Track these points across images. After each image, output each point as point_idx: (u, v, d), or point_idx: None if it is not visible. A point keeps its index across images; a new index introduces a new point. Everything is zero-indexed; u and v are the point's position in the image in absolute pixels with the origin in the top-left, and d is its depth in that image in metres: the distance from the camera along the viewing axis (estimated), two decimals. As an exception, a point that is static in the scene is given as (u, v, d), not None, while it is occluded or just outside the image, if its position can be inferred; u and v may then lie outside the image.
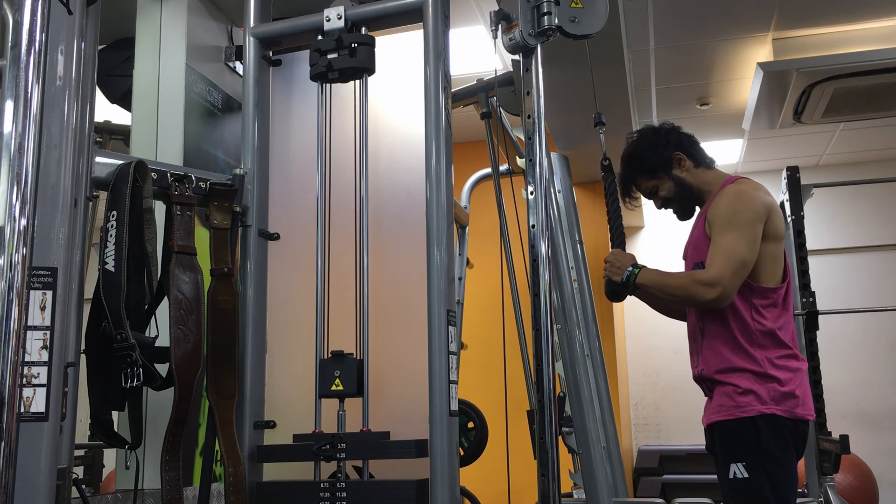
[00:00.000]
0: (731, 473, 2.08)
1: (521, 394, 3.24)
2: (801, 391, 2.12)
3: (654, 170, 2.36)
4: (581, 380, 3.25)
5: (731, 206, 2.18)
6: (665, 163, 2.34)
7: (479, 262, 3.89)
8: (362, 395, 1.97)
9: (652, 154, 2.35)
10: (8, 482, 1.08)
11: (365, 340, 2.01)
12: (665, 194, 2.37)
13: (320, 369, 2.00)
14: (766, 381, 2.09)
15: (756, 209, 2.16)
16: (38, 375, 1.45)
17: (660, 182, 2.36)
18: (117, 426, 1.90)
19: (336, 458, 1.93)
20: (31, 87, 1.17)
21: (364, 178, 2.10)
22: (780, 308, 2.17)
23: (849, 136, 5.88)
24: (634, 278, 2.25)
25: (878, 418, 6.17)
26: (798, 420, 2.10)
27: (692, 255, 2.30)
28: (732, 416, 2.10)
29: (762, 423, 2.06)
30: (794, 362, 2.14)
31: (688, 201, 2.36)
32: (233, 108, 2.63)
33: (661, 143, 2.36)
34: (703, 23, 4.17)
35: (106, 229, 1.80)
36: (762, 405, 2.07)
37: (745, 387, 2.10)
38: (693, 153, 2.36)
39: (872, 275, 6.32)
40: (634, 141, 2.44)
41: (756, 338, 2.13)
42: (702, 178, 2.34)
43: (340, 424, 1.98)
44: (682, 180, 2.34)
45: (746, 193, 2.20)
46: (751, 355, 2.11)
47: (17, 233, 1.12)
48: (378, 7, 2.13)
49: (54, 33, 1.54)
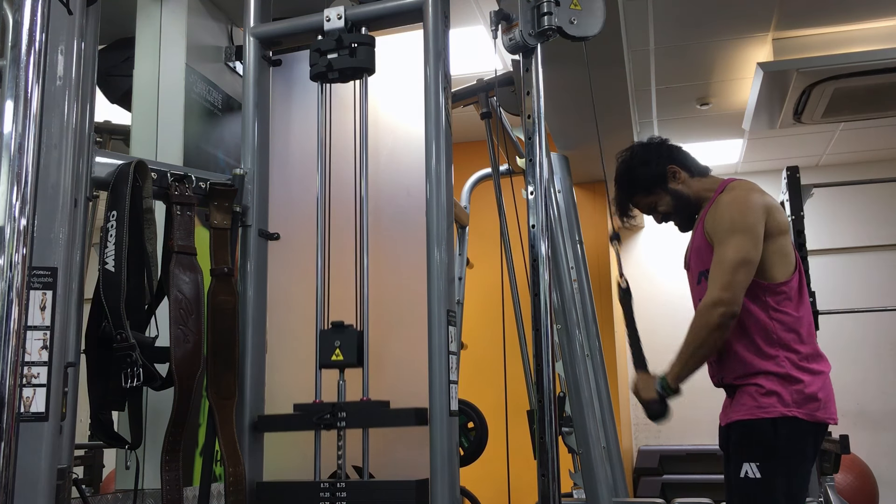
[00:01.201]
0: (743, 472, 2.06)
1: (521, 394, 3.24)
2: (824, 394, 2.10)
3: (650, 186, 2.35)
4: (581, 380, 3.25)
5: (727, 216, 2.17)
6: (660, 177, 2.33)
7: (479, 262, 3.89)
8: (362, 365, 1.97)
9: (646, 170, 2.34)
10: (8, 482, 1.08)
11: (365, 343, 2.01)
12: (664, 209, 2.36)
13: (320, 339, 2.01)
14: (789, 382, 2.08)
15: (752, 210, 2.15)
16: (38, 375, 1.45)
17: (657, 198, 2.35)
18: (117, 426, 1.90)
19: (336, 426, 1.94)
20: (31, 87, 1.17)
21: (364, 178, 2.10)
22: (796, 301, 2.15)
23: (849, 136, 5.88)
24: (666, 383, 2.21)
25: (878, 418, 6.16)
26: (819, 423, 2.09)
27: (696, 264, 2.29)
28: (753, 415, 2.09)
29: (782, 425, 2.05)
30: (816, 364, 2.13)
31: (687, 212, 2.36)
32: (233, 108, 2.63)
33: (653, 159, 2.35)
34: (703, 23, 4.17)
35: (106, 229, 1.80)
36: (784, 407, 2.06)
37: (768, 387, 2.08)
38: (686, 164, 2.35)
39: (872, 275, 6.32)
40: (626, 159, 2.41)
41: (776, 337, 2.11)
42: (697, 188, 2.33)
43: (340, 394, 1.98)
44: (679, 193, 2.33)
45: (739, 200, 2.19)
46: (772, 357, 2.10)
47: (17, 233, 1.12)
48: (378, 7, 2.13)
49: (54, 33, 1.54)
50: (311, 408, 1.98)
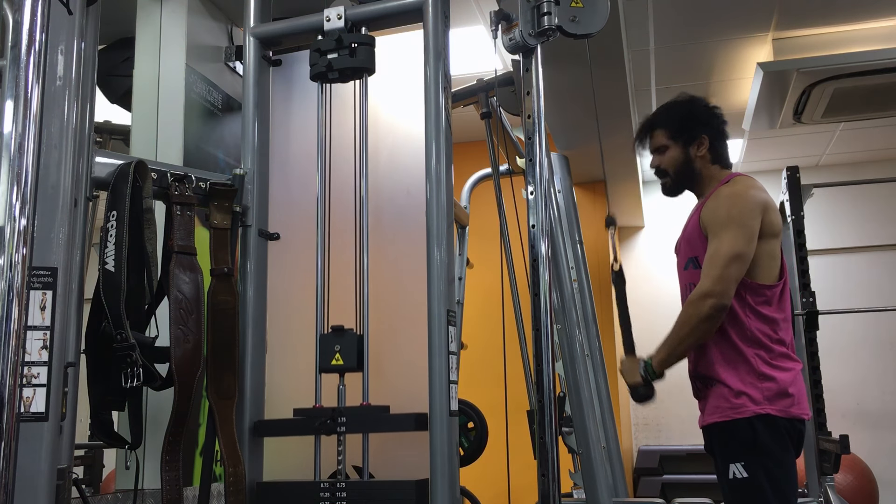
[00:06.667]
0: (731, 474, 2.08)
1: (521, 394, 3.23)
2: (796, 389, 2.11)
3: (675, 133, 2.33)
4: (581, 380, 3.25)
5: (724, 209, 2.17)
6: (689, 135, 2.31)
7: (479, 262, 3.89)
8: (362, 369, 1.97)
9: (684, 120, 2.33)
10: (8, 482, 1.08)
11: (365, 344, 2.01)
12: (667, 163, 2.34)
13: (320, 343, 2.00)
14: (759, 380, 2.09)
15: (751, 207, 2.15)
16: (38, 375, 1.45)
17: (671, 148, 2.33)
18: (117, 426, 1.90)
19: (336, 431, 1.94)
20: (31, 87, 1.17)
21: (364, 178, 2.10)
22: (776, 306, 2.16)
23: (849, 136, 5.88)
24: (651, 368, 2.23)
25: (878, 418, 6.16)
26: (793, 419, 2.09)
27: (685, 250, 2.29)
28: (727, 417, 2.10)
29: (758, 423, 2.06)
30: (788, 362, 2.13)
31: (683, 181, 2.34)
32: (233, 108, 2.63)
33: (697, 118, 2.33)
34: (703, 23, 4.17)
35: (106, 229, 1.80)
36: (756, 406, 2.07)
37: (737, 388, 2.09)
38: (717, 147, 2.33)
39: (872, 275, 6.32)
40: (681, 100, 2.41)
41: (750, 335, 2.12)
42: (708, 172, 2.32)
43: (340, 399, 1.98)
44: (690, 160, 2.32)
45: (739, 194, 2.19)
46: (744, 354, 2.11)
47: (17, 233, 1.12)
48: (378, 7, 2.13)
49: (54, 33, 1.54)
50: (311, 412, 1.97)
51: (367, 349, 1.98)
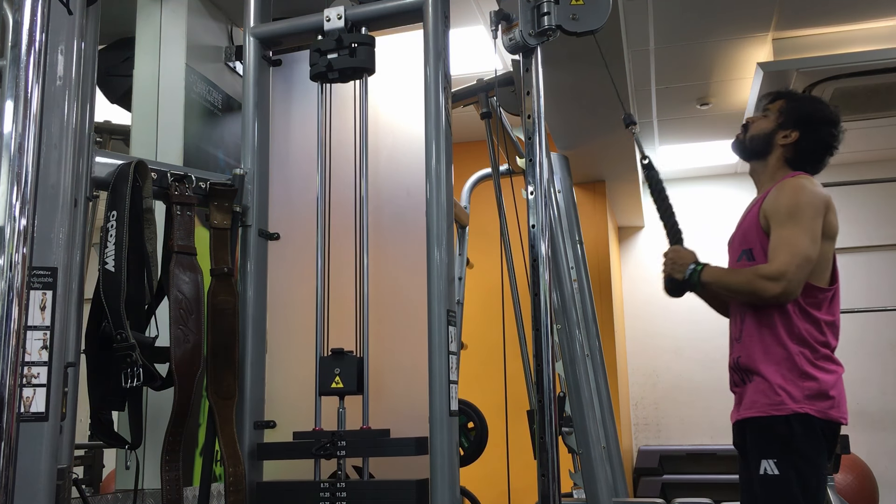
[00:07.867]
0: (763, 470, 2.06)
1: (521, 394, 3.23)
2: (837, 392, 2.10)
3: (782, 110, 2.32)
4: (581, 380, 3.25)
5: (792, 199, 2.15)
6: (788, 120, 2.30)
7: (479, 262, 3.89)
8: (362, 392, 1.97)
9: (799, 110, 2.32)
10: (8, 482, 1.08)
11: (365, 339, 2.00)
12: (756, 124, 2.35)
13: (320, 367, 2.00)
14: (801, 378, 2.08)
15: (817, 204, 2.14)
16: (38, 375, 1.45)
17: (776, 121, 2.31)
18: (117, 426, 1.90)
19: (336, 455, 1.93)
20: (31, 87, 1.17)
21: (364, 178, 2.10)
22: (826, 310, 2.15)
23: (849, 136, 5.79)
24: (698, 276, 2.23)
25: (878, 418, 6.17)
26: (831, 421, 2.08)
27: (739, 243, 2.28)
28: (765, 413, 2.09)
29: (795, 421, 2.05)
30: (832, 364, 2.12)
31: (751, 146, 2.34)
32: (233, 108, 2.63)
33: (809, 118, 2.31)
34: (703, 23, 4.17)
35: (106, 229, 1.80)
36: (795, 404, 2.06)
37: (778, 384, 2.08)
38: (800, 153, 2.29)
39: (872, 275, 6.32)
40: (817, 101, 2.46)
41: (798, 334, 2.11)
42: (777, 164, 2.30)
43: (340, 422, 1.98)
44: (770, 137, 2.31)
45: (807, 188, 2.17)
46: (788, 350, 2.10)
47: (17, 233, 1.12)
48: (378, 7, 2.13)
49: (54, 33, 1.54)
50: (311, 436, 1.97)
51: (367, 372, 1.98)
